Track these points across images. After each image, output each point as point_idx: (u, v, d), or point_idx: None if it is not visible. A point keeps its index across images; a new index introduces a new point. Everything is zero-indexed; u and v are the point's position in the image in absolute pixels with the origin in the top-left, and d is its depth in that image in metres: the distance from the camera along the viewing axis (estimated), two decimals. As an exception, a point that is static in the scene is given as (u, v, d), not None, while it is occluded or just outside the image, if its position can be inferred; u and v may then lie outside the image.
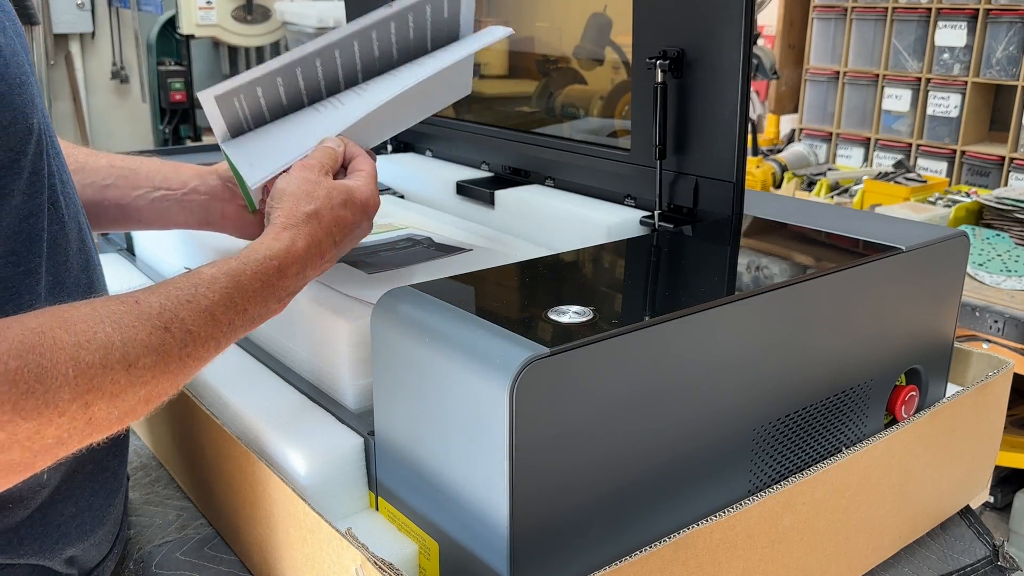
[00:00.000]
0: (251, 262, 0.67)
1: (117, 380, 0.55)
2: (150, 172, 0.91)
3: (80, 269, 0.69)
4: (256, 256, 0.68)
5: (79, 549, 0.70)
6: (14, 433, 0.51)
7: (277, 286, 0.68)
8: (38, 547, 0.66)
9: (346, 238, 0.75)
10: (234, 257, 0.67)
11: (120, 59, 5.11)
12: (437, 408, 0.63)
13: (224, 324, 0.64)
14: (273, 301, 0.69)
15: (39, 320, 0.54)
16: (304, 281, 0.72)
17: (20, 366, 0.50)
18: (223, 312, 0.63)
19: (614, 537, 0.65)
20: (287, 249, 0.69)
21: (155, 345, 0.58)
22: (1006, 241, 2.21)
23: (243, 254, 0.68)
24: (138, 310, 0.58)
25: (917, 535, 0.91)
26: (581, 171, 1.09)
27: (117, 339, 0.55)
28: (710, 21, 0.86)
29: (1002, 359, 0.95)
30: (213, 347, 0.64)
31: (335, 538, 0.61)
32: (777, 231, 0.92)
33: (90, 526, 0.71)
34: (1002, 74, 3.45)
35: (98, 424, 0.56)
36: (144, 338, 0.57)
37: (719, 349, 0.68)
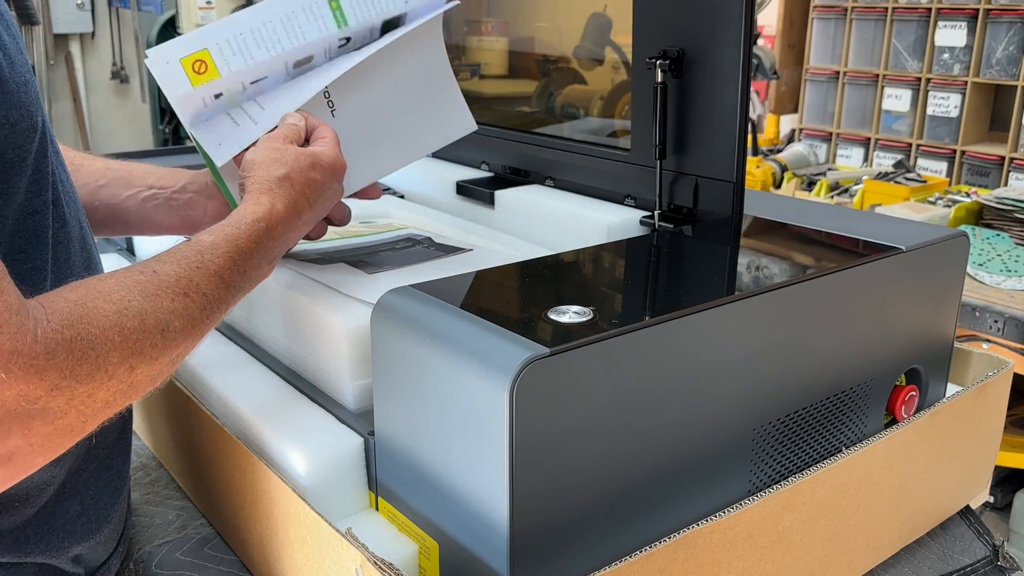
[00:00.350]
0: (243, 226, 0.71)
1: (156, 344, 0.59)
2: (144, 172, 0.92)
3: (82, 267, 0.70)
4: (245, 220, 0.71)
5: (85, 547, 0.70)
6: (72, 397, 0.54)
7: (267, 247, 0.72)
8: (45, 545, 0.67)
9: (319, 199, 0.79)
10: (226, 223, 0.71)
11: (120, 59, 5.11)
12: (437, 408, 0.63)
13: (232, 286, 0.68)
14: (264, 262, 0.73)
15: (78, 293, 0.57)
16: (287, 242, 0.76)
17: (74, 335, 0.54)
18: (229, 274, 0.68)
19: (614, 537, 0.65)
20: (269, 211, 0.73)
21: (180, 311, 0.62)
22: (1006, 241, 2.21)
23: (233, 220, 0.71)
24: (158, 280, 0.62)
25: (917, 535, 0.91)
26: (581, 171, 1.09)
27: (148, 307, 0.60)
28: (710, 21, 0.86)
29: (1002, 359, 0.95)
30: (223, 308, 0.68)
31: (335, 538, 0.61)
32: (777, 231, 0.92)
33: (95, 524, 0.71)
34: (1002, 74, 3.45)
35: (138, 385, 0.60)
36: (169, 304, 0.61)
37: (719, 349, 0.68)
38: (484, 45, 1.28)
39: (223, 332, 0.96)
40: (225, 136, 0.84)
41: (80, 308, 0.55)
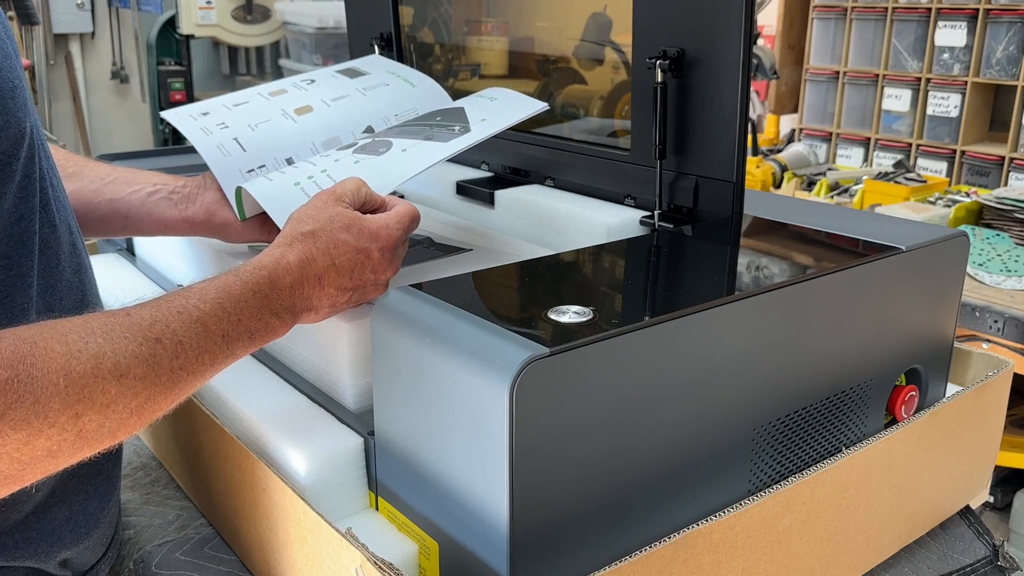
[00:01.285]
0: (241, 273, 0.67)
1: (107, 391, 0.55)
2: (149, 174, 0.92)
3: (72, 272, 0.69)
4: (247, 268, 0.68)
5: (73, 552, 0.70)
6: (2, 444, 0.50)
7: (270, 296, 0.67)
8: (33, 550, 0.66)
9: (349, 261, 0.72)
10: (226, 271, 0.67)
11: (120, 59, 5.10)
12: (437, 408, 0.63)
13: (217, 335, 0.63)
14: (268, 314, 0.67)
15: (32, 331, 0.54)
16: (303, 299, 0.70)
17: (10, 376, 0.50)
18: (215, 322, 0.63)
19: (614, 537, 0.65)
20: (276, 261, 0.69)
21: (146, 356, 0.58)
22: (1006, 241, 2.21)
23: (234, 269, 0.68)
24: (129, 322, 0.58)
25: (917, 535, 0.90)
26: (581, 171, 1.09)
27: (108, 349, 0.56)
28: (710, 21, 0.86)
29: (1002, 359, 0.95)
30: (208, 360, 0.63)
31: (335, 538, 0.61)
32: (777, 231, 0.92)
33: (84, 530, 0.71)
34: (1002, 74, 3.45)
35: (88, 437, 0.55)
36: (135, 349, 0.57)
37: (719, 349, 0.68)
38: (484, 45, 1.28)
39: (223, 332, 0.96)
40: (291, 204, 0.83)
41: (28, 347, 0.52)
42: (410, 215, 0.77)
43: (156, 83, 4.27)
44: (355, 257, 0.73)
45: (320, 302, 0.72)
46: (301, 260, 0.70)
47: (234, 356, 0.66)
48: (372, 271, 0.74)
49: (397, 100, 0.99)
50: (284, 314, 0.69)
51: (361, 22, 1.40)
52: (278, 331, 0.70)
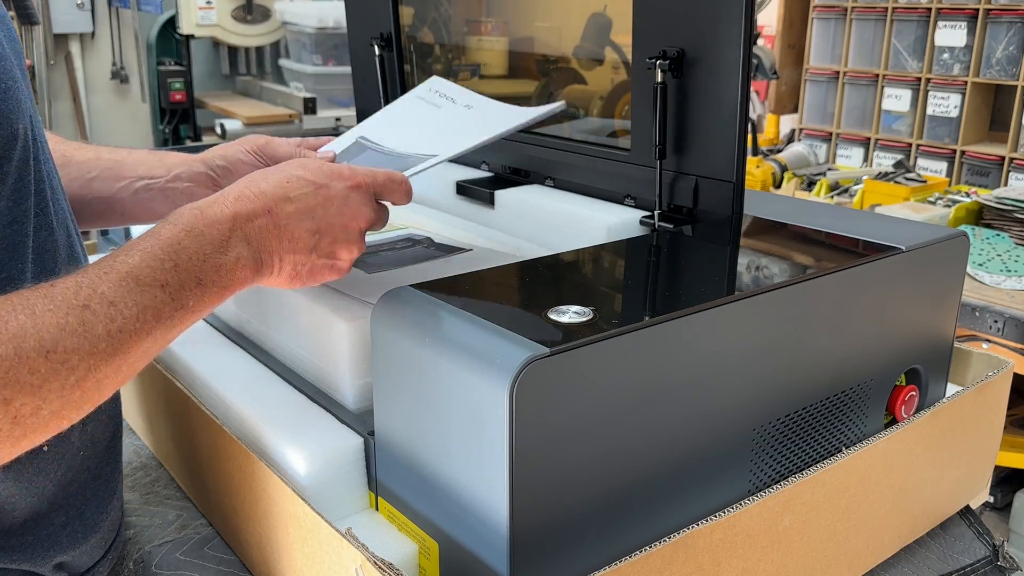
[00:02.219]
0: (173, 217, 0.62)
1: (36, 369, 0.50)
2: (135, 162, 0.88)
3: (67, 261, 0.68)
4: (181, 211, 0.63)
5: (69, 556, 0.70)
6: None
7: (207, 234, 0.61)
8: (29, 554, 0.66)
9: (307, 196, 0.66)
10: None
11: (120, 59, 5.10)
12: (437, 408, 0.63)
13: (154, 287, 0.57)
14: (214, 252, 0.61)
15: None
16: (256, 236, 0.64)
17: None
18: (147, 273, 0.57)
19: (614, 537, 0.65)
20: (212, 200, 0.64)
21: (74, 326, 0.52)
22: (1006, 241, 2.21)
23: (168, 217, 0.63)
24: (52, 292, 0.54)
25: (917, 535, 0.90)
26: (581, 171, 1.09)
27: (30, 326, 0.51)
28: (710, 21, 0.86)
29: (1002, 359, 0.95)
30: (152, 316, 0.57)
31: (335, 538, 0.61)
32: (777, 231, 0.92)
33: (82, 534, 0.70)
34: (1002, 74, 3.45)
35: (26, 422, 0.51)
36: (59, 320, 0.52)
37: (719, 349, 0.68)
38: (484, 45, 1.28)
39: (223, 332, 0.96)
40: None
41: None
42: (387, 173, 0.71)
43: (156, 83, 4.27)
44: (314, 192, 0.66)
45: (280, 243, 0.65)
46: (241, 194, 0.64)
47: (189, 308, 0.60)
48: (340, 213, 0.67)
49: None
50: (235, 250, 0.62)
51: (361, 22, 1.40)
52: (236, 273, 0.62)
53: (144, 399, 0.96)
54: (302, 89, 4.01)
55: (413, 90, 1.01)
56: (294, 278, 0.68)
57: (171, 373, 0.87)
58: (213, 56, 4.69)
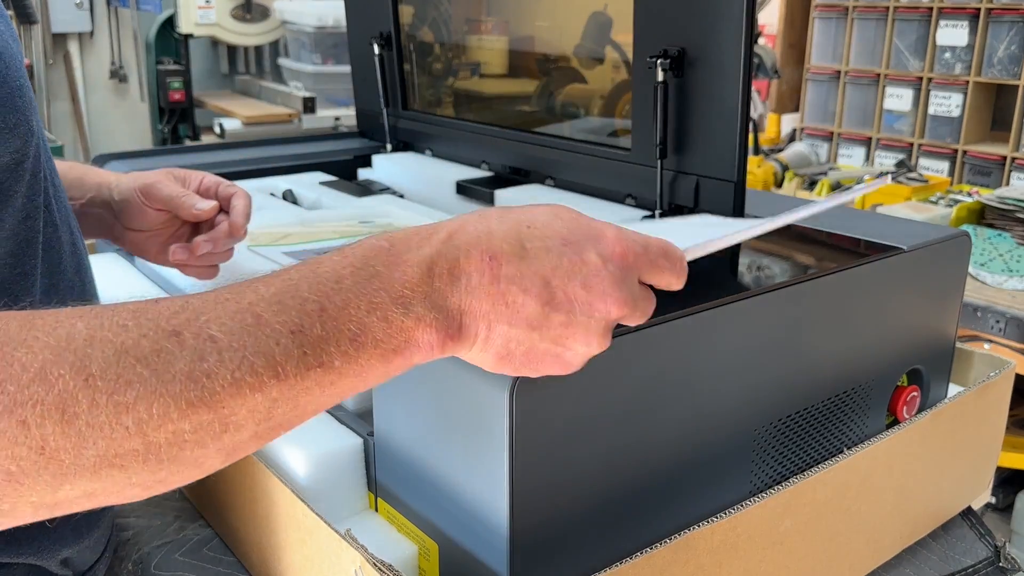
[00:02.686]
0: (347, 247, 0.46)
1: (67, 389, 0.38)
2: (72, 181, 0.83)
3: (73, 272, 0.69)
4: (363, 240, 0.47)
5: (74, 551, 0.70)
6: None
7: (382, 275, 0.45)
8: (36, 548, 0.67)
9: (548, 254, 0.48)
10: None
11: (119, 58, 5.10)
12: (437, 408, 0.62)
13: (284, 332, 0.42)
14: (388, 301, 0.44)
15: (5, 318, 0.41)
16: (456, 290, 0.46)
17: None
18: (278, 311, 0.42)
19: (614, 538, 0.65)
20: (416, 230, 0.48)
21: (145, 353, 0.40)
22: (1008, 241, 2.21)
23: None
24: (146, 309, 0.42)
25: (918, 536, 0.90)
26: (581, 171, 1.08)
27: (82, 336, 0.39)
28: (711, 20, 0.86)
29: (1004, 359, 0.95)
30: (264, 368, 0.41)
31: (334, 539, 0.61)
32: (777, 231, 0.92)
33: (85, 529, 0.71)
34: (1003, 73, 3.45)
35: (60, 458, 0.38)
36: (127, 341, 0.40)
37: (720, 349, 0.68)
38: (484, 44, 1.28)
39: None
40: None
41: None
42: (662, 244, 0.53)
43: (155, 82, 4.27)
44: (559, 249, 0.48)
45: (494, 308, 0.47)
46: (448, 233, 0.47)
47: (334, 369, 0.43)
48: (587, 287, 0.48)
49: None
50: (422, 307, 0.45)
51: (361, 21, 1.40)
52: (416, 336, 0.45)
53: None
54: (301, 88, 4.01)
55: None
56: (503, 358, 0.50)
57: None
58: (212, 55, 4.69)
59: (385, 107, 1.39)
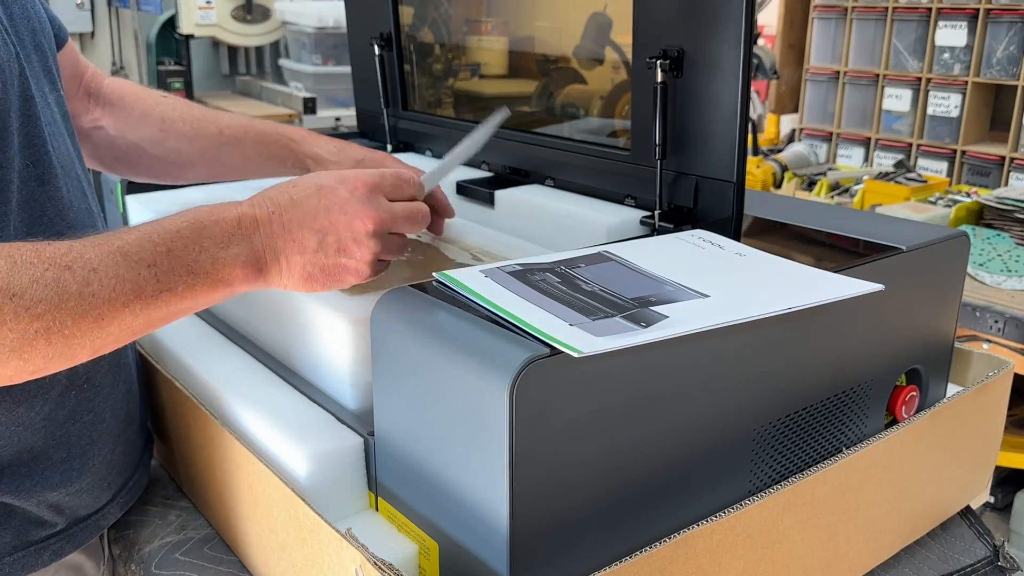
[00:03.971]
0: (183, 211, 0.65)
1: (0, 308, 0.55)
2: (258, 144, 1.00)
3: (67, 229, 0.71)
4: (191, 207, 0.66)
5: (62, 495, 0.70)
6: None
7: (210, 228, 0.64)
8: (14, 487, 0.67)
9: (310, 197, 0.68)
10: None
11: (119, 59, 5.10)
12: (437, 408, 0.63)
13: (140, 265, 0.61)
14: (214, 246, 0.64)
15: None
16: (261, 236, 0.66)
17: None
18: (136, 251, 0.61)
19: (614, 537, 0.65)
20: (223, 203, 0.67)
21: (49, 280, 0.57)
22: (1006, 241, 2.21)
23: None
24: (38, 248, 0.58)
25: (917, 535, 0.90)
26: (581, 171, 1.09)
27: (4, 268, 0.56)
28: (710, 21, 0.86)
29: (1002, 359, 0.95)
30: (132, 290, 0.60)
31: (335, 538, 0.61)
32: (777, 231, 0.92)
33: (76, 473, 0.71)
34: (1002, 74, 3.45)
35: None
36: (35, 273, 0.57)
37: (719, 349, 0.68)
38: (484, 45, 1.28)
39: (222, 332, 0.96)
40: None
41: None
42: (396, 173, 0.74)
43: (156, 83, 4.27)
44: (317, 194, 0.68)
45: (284, 244, 0.67)
46: (250, 201, 0.68)
47: (177, 293, 0.62)
48: (343, 212, 0.68)
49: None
50: (236, 247, 0.65)
51: (361, 22, 1.40)
52: (234, 271, 0.65)
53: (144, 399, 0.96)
54: (302, 89, 4.01)
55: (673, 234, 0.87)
56: (307, 279, 0.69)
57: (171, 373, 0.87)
58: (213, 56, 4.69)
59: (385, 108, 1.39)
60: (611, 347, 0.58)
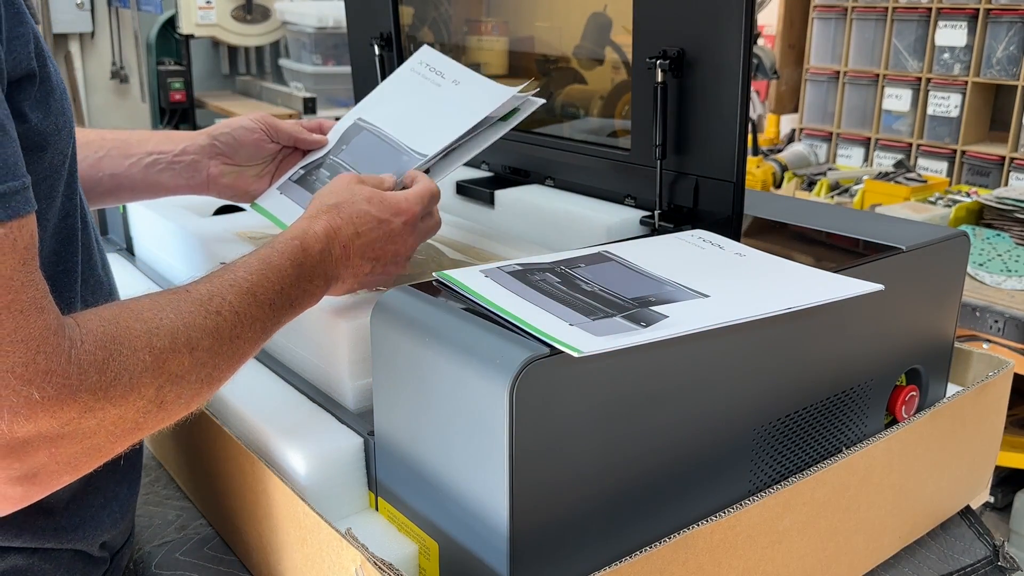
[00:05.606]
0: (277, 245, 0.71)
1: (182, 363, 0.59)
2: (141, 139, 0.94)
3: (101, 267, 0.72)
4: (280, 240, 0.72)
5: (110, 535, 0.72)
6: (103, 419, 0.54)
7: (304, 264, 0.71)
8: (81, 534, 0.69)
9: (371, 231, 0.77)
10: (263, 246, 0.71)
11: (120, 59, 5.10)
12: (437, 408, 0.63)
13: (265, 304, 0.67)
14: (304, 281, 0.71)
15: (111, 312, 0.57)
16: (332, 267, 0.74)
17: (107, 356, 0.54)
18: (262, 292, 0.67)
19: (614, 537, 0.65)
20: (304, 231, 0.73)
21: (211, 328, 0.61)
22: (1006, 241, 2.21)
23: (269, 242, 0.72)
24: (191, 297, 0.62)
25: (917, 535, 0.90)
26: (581, 171, 1.09)
27: (180, 324, 0.59)
28: (710, 21, 0.86)
29: (1002, 359, 0.95)
30: (259, 328, 0.67)
31: (335, 538, 0.61)
32: (777, 231, 0.92)
33: (120, 514, 0.73)
34: (1002, 74, 3.45)
35: (168, 407, 0.59)
36: (201, 322, 0.61)
37: (719, 349, 0.68)
38: (484, 45, 1.28)
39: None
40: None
41: (113, 327, 0.55)
42: (429, 191, 0.82)
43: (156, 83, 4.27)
44: (377, 228, 0.77)
45: (346, 271, 0.75)
46: (327, 229, 0.74)
47: (279, 324, 0.70)
48: (393, 243, 0.78)
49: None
50: (317, 280, 0.73)
51: (361, 22, 1.40)
52: (314, 297, 0.74)
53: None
54: (302, 89, 4.01)
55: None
56: (348, 291, 0.79)
57: (171, 373, 0.87)
58: (213, 56, 4.69)
59: (385, 108, 1.39)
60: (611, 347, 0.58)
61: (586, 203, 1.05)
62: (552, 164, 1.13)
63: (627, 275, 0.73)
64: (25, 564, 0.65)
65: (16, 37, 0.55)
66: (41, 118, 0.59)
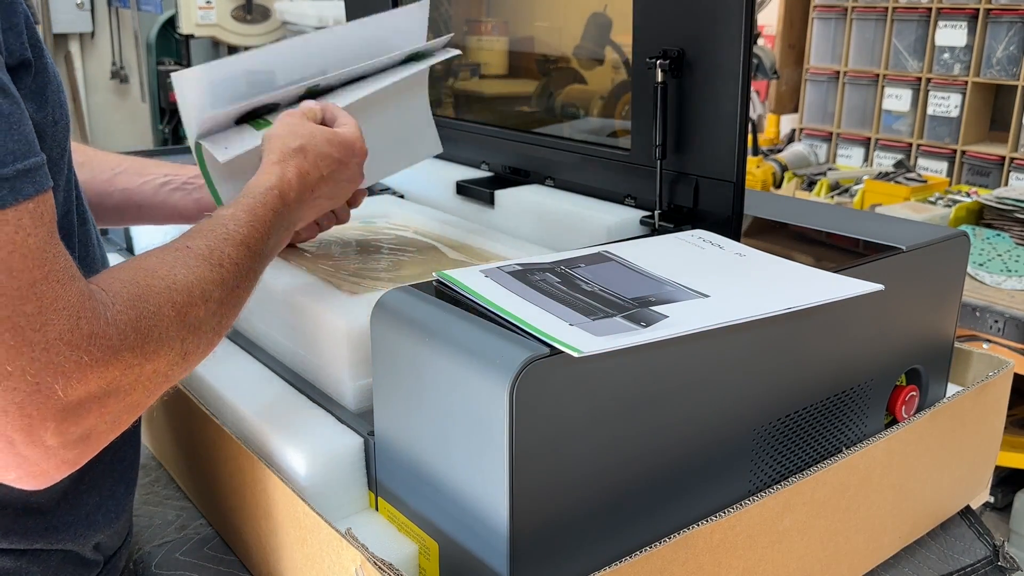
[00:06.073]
0: (258, 195, 0.73)
1: (199, 314, 0.62)
2: (157, 164, 0.97)
3: (100, 264, 0.72)
4: (259, 190, 0.74)
5: (105, 536, 0.72)
6: (140, 375, 0.57)
7: (283, 212, 0.74)
8: (72, 533, 0.69)
9: (333, 173, 0.81)
10: (242, 196, 0.73)
11: (120, 59, 5.11)
12: (437, 408, 0.63)
13: (257, 254, 0.70)
14: (282, 230, 0.75)
15: (126, 273, 0.59)
16: (301, 212, 0.78)
17: (137, 315, 0.56)
18: (254, 243, 0.70)
19: (614, 537, 0.65)
20: (280, 179, 0.76)
21: (218, 280, 0.64)
22: (1006, 241, 2.21)
23: (248, 191, 0.74)
24: (192, 253, 0.64)
25: (917, 535, 0.90)
26: (581, 171, 1.09)
27: (192, 278, 0.62)
28: (710, 21, 0.86)
29: (1002, 359, 0.95)
30: (253, 276, 0.70)
31: (335, 538, 0.61)
32: (777, 231, 0.92)
33: (115, 514, 0.72)
34: (1002, 74, 3.45)
35: (190, 357, 0.62)
36: (209, 274, 0.64)
37: (720, 349, 0.68)
38: (484, 45, 1.28)
39: (223, 332, 0.96)
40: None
41: (134, 287, 0.58)
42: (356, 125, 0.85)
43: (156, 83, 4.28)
44: (339, 170, 0.82)
45: (310, 211, 0.80)
46: (299, 175, 0.78)
47: (263, 269, 0.73)
48: (350, 181, 0.84)
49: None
50: (291, 224, 0.77)
51: (361, 22, 1.40)
52: (288, 239, 0.78)
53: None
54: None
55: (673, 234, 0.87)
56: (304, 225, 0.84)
57: (171, 373, 0.87)
58: (213, 56, 4.69)
59: (385, 108, 1.39)
60: (611, 347, 0.58)
61: (586, 203, 1.05)
62: (552, 164, 1.13)
63: (627, 275, 0.73)
64: (13, 566, 0.66)
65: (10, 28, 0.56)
66: (36, 109, 0.59)
